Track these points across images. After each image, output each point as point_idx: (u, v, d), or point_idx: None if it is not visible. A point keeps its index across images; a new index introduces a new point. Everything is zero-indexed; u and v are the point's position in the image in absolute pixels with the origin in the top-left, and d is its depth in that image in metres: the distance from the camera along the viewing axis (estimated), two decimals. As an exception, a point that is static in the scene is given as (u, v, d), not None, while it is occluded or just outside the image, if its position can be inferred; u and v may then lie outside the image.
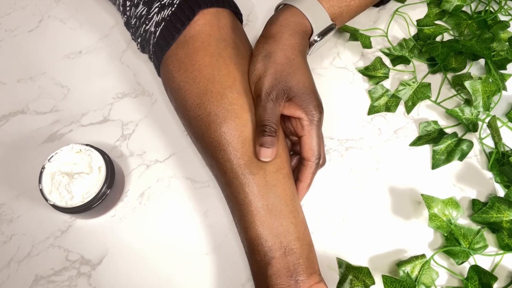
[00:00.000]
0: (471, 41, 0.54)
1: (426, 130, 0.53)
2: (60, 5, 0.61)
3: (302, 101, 0.43)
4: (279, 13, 0.47)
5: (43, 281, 0.46)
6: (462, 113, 0.52)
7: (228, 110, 0.43)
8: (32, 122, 0.53)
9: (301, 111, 0.43)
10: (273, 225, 0.41)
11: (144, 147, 0.52)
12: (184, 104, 0.45)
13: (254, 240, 0.41)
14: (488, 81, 0.52)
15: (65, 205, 0.44)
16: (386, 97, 0.54)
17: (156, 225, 0.49)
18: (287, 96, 0.43)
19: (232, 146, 0.43)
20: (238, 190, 0.42)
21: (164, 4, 0.46)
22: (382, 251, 0.48)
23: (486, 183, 0.51)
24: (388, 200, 0.50)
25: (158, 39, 0.46)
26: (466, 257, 0.46)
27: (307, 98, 0.43)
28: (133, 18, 0.48)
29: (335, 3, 0.47)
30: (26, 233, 0.48)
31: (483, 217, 0.47)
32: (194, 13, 0.45)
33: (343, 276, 0.46)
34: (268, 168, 0.43)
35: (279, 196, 0.42)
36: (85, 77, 0.56)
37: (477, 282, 0.44)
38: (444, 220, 0.47)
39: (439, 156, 0.51)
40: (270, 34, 0.45)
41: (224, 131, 0.43)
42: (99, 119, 0.54)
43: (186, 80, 0.45)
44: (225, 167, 0.43)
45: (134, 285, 0.46)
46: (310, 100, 0.43)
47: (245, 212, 0.42)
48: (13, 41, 0.58)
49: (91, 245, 0.48)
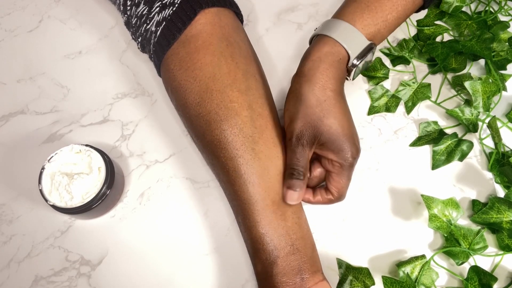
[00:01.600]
0: (471, 41, 0.54)
1: (426, 130, 0.53)
2: (60, 5, 0.61)
3: (334, 146, 0.42)
4: (312, 46, 0.45)
5: (43, 281, 0.46)
6: (462, 113, 0.52)
7: (228, 108, 0.43)
8: (32, 123, 0.53)
9: (333, 155, 0.42)
10: (278, 225, 0.41)
11: (144, 147, 0.52)
12: (184, 102, 0.45)
13: (259, 239, 0.41)
14: (488, 81, 0.52)
15: (65, 206, 0.44)
16: (386, 98, 0.54)
17: (156, 225, 0.49)
18: (318, 142, 0.42)
19: (233, 144, 0.43)
20: (242, 189, 0.42)
21: (165, 4, 0.46)
22: (382, 252, 0.48)
23: (486, 184, 0.51)
24: (388, 200, 0.50)
25: (159, 38, 0.46)
26: (466, 258, 0.46)
27: (340, 144, 0.41)
28: (134, 18, 0.48)
29: (370, 21, 0.45)
30: (26, 234, 0.48)
31: (483, 217, 0.47)
32: (196, 12, 0.45)
33: (343, 277, 0.46)
34: (271, 169, 0.43)
35: (283, 197, 0.43)
36: (85, 77, 0.56)
37: (477, 282, 0.44)
38: (444, 220, 0.46)
39: (439, 157, 0.51)
40: (302, 72, 0.44)
41: (225, 129, 0.43)
42: (99, 120, 0.54)
43: (187, 78, 0.45)
44: (227, 166, 0.43)
45: (134, 285, 0.46)
46: (343, 146, 0.42)
47: (250, 211, 0.42)
48: (13, 41, 0.58)
49: (91, 246, 0.48)
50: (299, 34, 0.60)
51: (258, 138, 0.43)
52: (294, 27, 0.60)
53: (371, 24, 0.45)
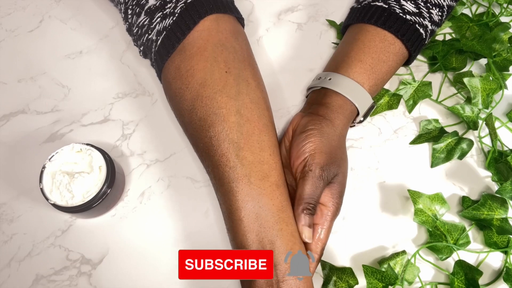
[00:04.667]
0: (472, 41, 0.54)
1: (427, 128, 0.53)
2: (60, 5, 0.61)
3: (337, 191, 0.43)
4: (323, 97, 0.47)
5: (43, 280, 0.46)
6: (463, 110, 0.52)
7: (216, 114, 0.43)
8: (33, 122, 0.53)
9: (328, 200, 0.43)
10: (258, 237, 0.40)
11: (145, 146, 0.52)
12: (180, 110, 0.45)
13: (243, 247, 0.41)
14: (488, 79, 0.52)
15: (65, 205, 0.44)
16: (387, 97, 0.54)
17: (156, 224, 0.49)
18: (331, 181, 0.43)
19: (219, 151, 0.42)
20: (225, 197, 0.42)
21: (166, 14, 0.45)
22: (385, 252, 0.48)
23: (485, 182, 0.51)
24: (386, 199, 0.50)
25: (159, 48, 0.46)
26: (450, 253, 0.46)
27: (341, 190, 0.43)
28: (135, 27, 0.48)
29: (373, 83, 0.48)
30: (26, 233, 0.48)
31: (473, 213, 0.47)
32: (195, 22, 0.45)
33: (327, 278, 0.46)
34: (253, 176, 0.41)
35: (264, 205, 0.41)
36: (85, 77, 0.56)
37: (463, 277, 0.44)
38: (429, 215, 0.47)
39: (439, 155, 0.51)
40: (323, 114, 0.45)
41: (212, 135, 0.42)
42: (99, 119, 0.54)
43: (181, 86, 0.45)
44: (213, 173, 0.43)
45: (134, 284, 0.46)
46: (341, 194, 0.43)
47: (232, 220, 0.41)
48: (13, 41, 0.58)
49: (92, 245, 0.48)
50: (299, 34, 0.60)
51: (243, 144, 0.42)
52: (294, 27, 0.60)
53: (374, 85, 0.48)
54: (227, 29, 0.46)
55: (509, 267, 0.46)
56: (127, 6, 0.48)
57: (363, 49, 0.48)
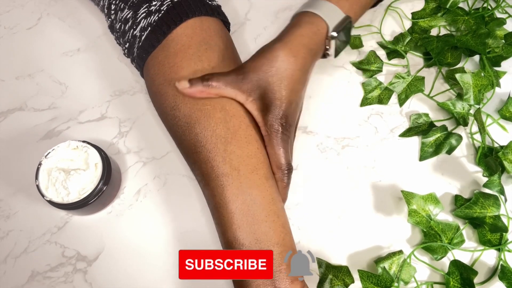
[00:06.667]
0: (466, 36, 0.54)
1: (417, 122, 0.53)
2: (58, 3, 0.61)
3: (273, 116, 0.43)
4: (293, 20, 0.46)
5: (39, 277, 0.46)
6: (453, 106, 0.52)
7: (201, 110, 0.43)
8: (30, 119, 0.54)
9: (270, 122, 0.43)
10: (251, 229, 0.40)
11: (141, 144, 0.53)
12: (162, 107, 0.45)
13: (231, 244, 0.40)
14: (480, 75, 0.52)
15: (61, 201, 0.44)
16: (379, 90, 0.54)
17: (152, 222, 0.49)
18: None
19: (206, 147, 0.42)
20: (214, 192, 0.41)
21: (151, 11, 0.45)
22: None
23: (477, 178, 0.51)
24: (384, 198, 0.50)
25: (143, 43, 0.46)
26: (445, 253, 0.46)
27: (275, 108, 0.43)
28: (118, 22, 0.48)
29: (345, 2, 0.47)
30: (23, 229, 0.48)
31: (466, 212, 0.47)
32: (181, 20, 0.45)
33: (323, 276, 0.46)
34: (242, 169, 0.41)
35: (255, 199, 0.41)
36: (83, 74, 0.56)
37: (458, 277, 0.44)
38: (423, 215, 0.47)
39: (428, 148, 0.52)
40: (278, 38, 0.45)
41: (197, 132, 0.42)
42: (96, 117, 0.54)
43: (164, 82, 0.44)
44: (201, 169, 0.43)
45: (130, 281, 0.46)
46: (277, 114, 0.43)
47: (222, 214, 0.41)
48: (12, 38, 0.59)
49: (88, 242, 0.48)
50: (297, 33, 0.60)
51: (230, 138, 0.42)
52: (292, 26, 0.60)
53: (346, 3, 0.47)
54: (211, 28, 0.46)
55: (503, 264, 0.46)
56: (111, 1, 0.48)
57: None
